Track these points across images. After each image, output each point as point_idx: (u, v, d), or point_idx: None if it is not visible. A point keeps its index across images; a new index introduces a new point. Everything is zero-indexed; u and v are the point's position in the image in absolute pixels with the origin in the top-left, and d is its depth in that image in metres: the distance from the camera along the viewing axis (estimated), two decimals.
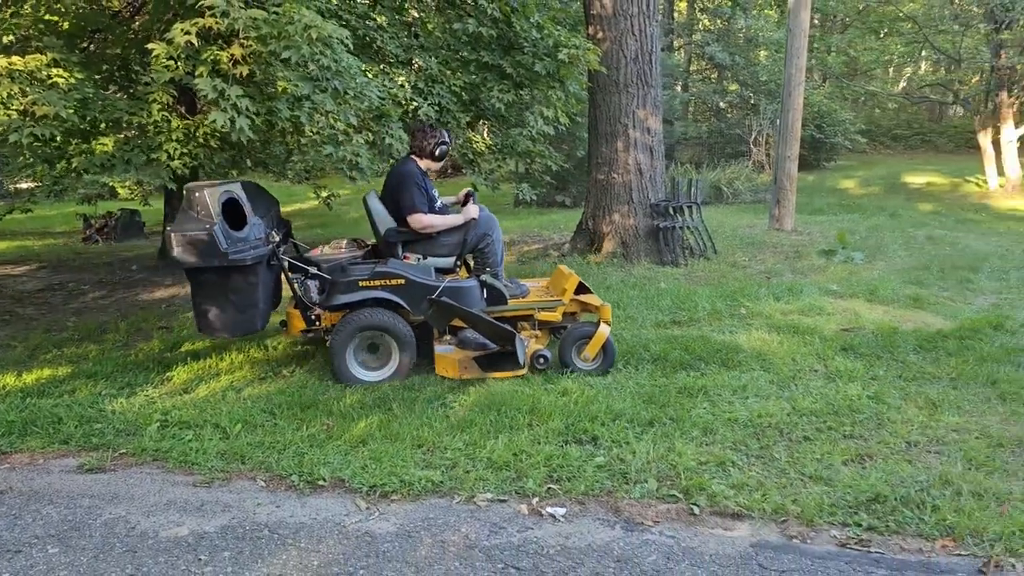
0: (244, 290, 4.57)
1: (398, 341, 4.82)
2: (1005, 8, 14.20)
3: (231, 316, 4.61)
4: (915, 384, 4.69)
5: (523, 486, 3.47)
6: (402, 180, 5.09)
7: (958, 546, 2.98)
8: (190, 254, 4.33)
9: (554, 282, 5.50)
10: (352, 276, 4.81)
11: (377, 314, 4.78)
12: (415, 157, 5.26)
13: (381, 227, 5.15)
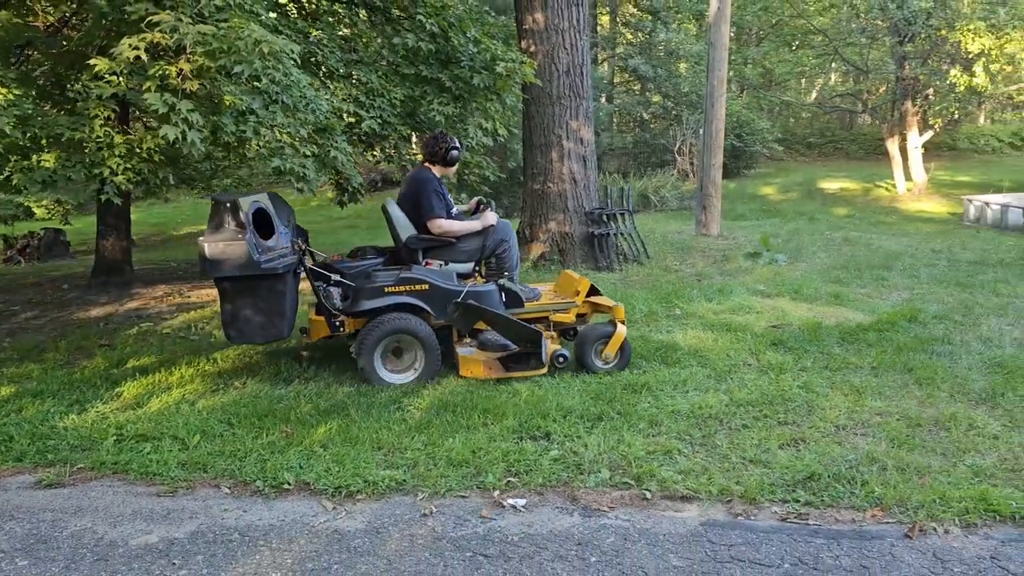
0: (273, 298, 4.72)
1: (424, 345, 4.95)
2: (907, 22, 15.05)
3: (260, 324, 4.76)
4: (840, 373, 5.03)
5: (483, 481, 3.62)
6: (421, 187, 5.26)
7: (886, 515, 3.26)
8: (223, 264, 4.47)
9: (562, 285, 5.74)
10: (377, 282, 4.96)
11: (404, 319, 4.92)
12: (428, 164, 5.46)
13: (403, 234, 5.29)
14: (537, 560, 2.98)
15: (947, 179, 20.53)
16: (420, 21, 6.57)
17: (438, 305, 5.00)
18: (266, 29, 4.79)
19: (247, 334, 4.81)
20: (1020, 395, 4.54)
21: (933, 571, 2.86)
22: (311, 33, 6.78)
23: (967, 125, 28.13)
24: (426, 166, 5.49)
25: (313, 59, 6.36)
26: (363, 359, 4.88)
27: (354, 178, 6.16)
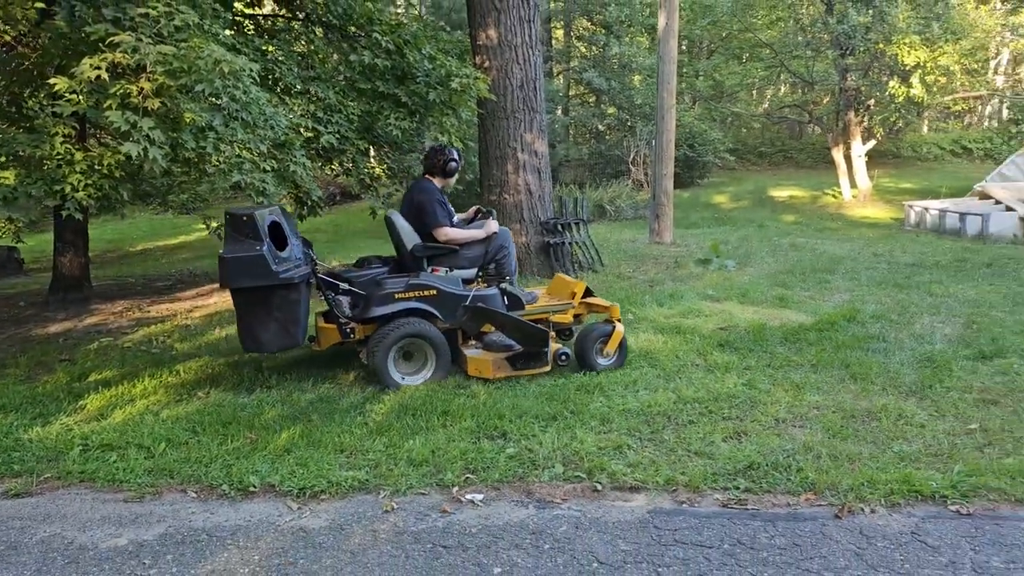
0: (289, 307, 4.88)
1: (435, 347, 5.20)
2: (847, 36, 15.63)
3: (275, 332, 4.92)
4: (782, 371, 5.30)
5: (443, 478, 3.79)
6: (424, 197, 5.57)
7: (819, 498, 3.51)
8: (243, 275, 4.66)
9: (555, 288, 6.07)
10: (388, 289, 5.18)
11: (416, 323, 5.14)
12: (429, 176, 5.77)
13: (408, 243, 5.53)
14: (494, 549, 3.17)
15: (891, 186, 21.23)
16: (376, 39, 6.74)
17: (446, 309, 5.26)
18: (224, 48, 4.93)
19: (263, 343, 4.96)
20: (946, 387, 4.85)
21: (859, 547, 3.10)
22: (268, 50, 6.92)
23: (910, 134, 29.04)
24: (427, 178, 5.78)
25: (271, 76, 6.50)
26: (378, 363, 5.07)
27: (313, 192, 6.31)
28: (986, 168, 18.99)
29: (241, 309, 4.92)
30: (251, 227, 4.72)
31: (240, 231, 4.74)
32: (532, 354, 5.28)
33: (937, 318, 6.70)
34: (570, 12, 24.24)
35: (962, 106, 23.71)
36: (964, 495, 3.47)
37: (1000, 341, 5.74)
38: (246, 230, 4.74)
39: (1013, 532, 3.18)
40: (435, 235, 5.55)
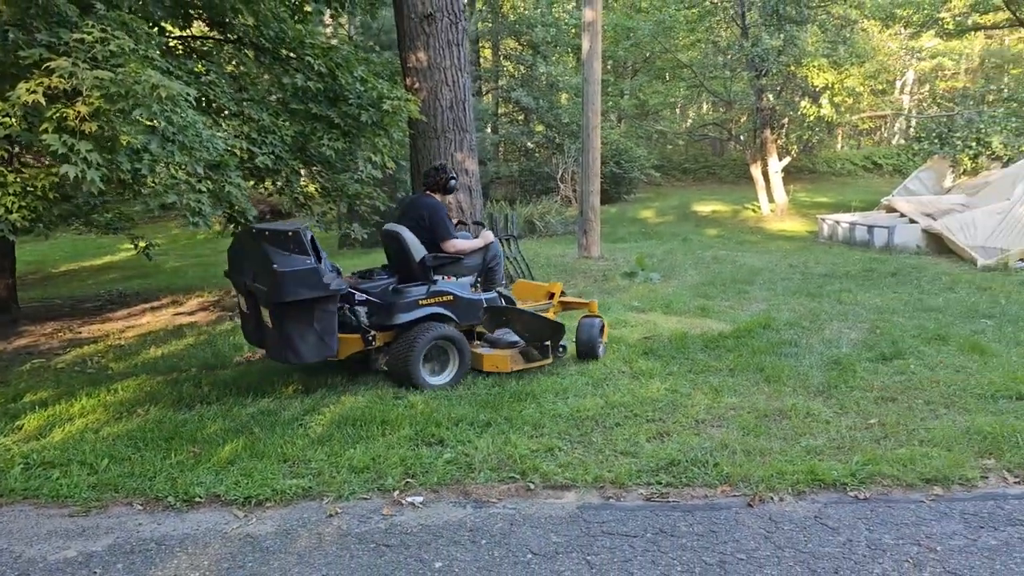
0: (328, 318, 5.09)
1: (458, 348, 5.60)
2: (761, 59, 16.40)
3: (315, 343, 5.06)
4: (702, 376, 5.64)
5: (383, 483, 3.98)
6: (434, 213, 5.98)
7: (733, 489, 3.82)
8: (299, 287, 4.82)
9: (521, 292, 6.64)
10: (411, 296, 5.52)
11: (441, 327, 5.53)
12: (431, 193, 6.18)
13: (416, 254, 5.79)
14: (434, 546, 3.37)
15: (807, 200, 22.22)
16: (309, 62, 6.90)
17: (462, 313, 5.72)
18: (160, 72, 5.03)
19: (303, 354, 5.06)
20: (850, 387, 5.26)
21: (768, 530, 3.42)
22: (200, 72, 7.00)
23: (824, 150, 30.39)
24: (429, 194, 6.18)
25: (204, 98, 6.59)
26: (410, 365, 5.38)
27: (248, 211, 6.41)
28: (895, 182, 20.06)
29: (285, 322, 4.98)
30: (297, 242, 4.92)
31: (286, 246, 4.92)
32: (534, 348, 5.82)
33: (845, 324, 7.17)
34: (498, 33, 24.68)
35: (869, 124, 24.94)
36: (862, 482, 3.82)
37: (899, 344, 6.21)
38: (292, 245, 4.92)
39: (903, 512, 3.53)
40: (445, 247, 5.93)
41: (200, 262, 15.54)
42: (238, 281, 5.50)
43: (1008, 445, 4.13)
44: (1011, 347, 6.12)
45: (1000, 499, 3.63)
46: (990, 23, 22.81)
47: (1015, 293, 8.56)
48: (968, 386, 5.15)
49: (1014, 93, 18.79)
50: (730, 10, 18.62)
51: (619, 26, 20.31)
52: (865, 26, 19.27)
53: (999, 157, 14.97)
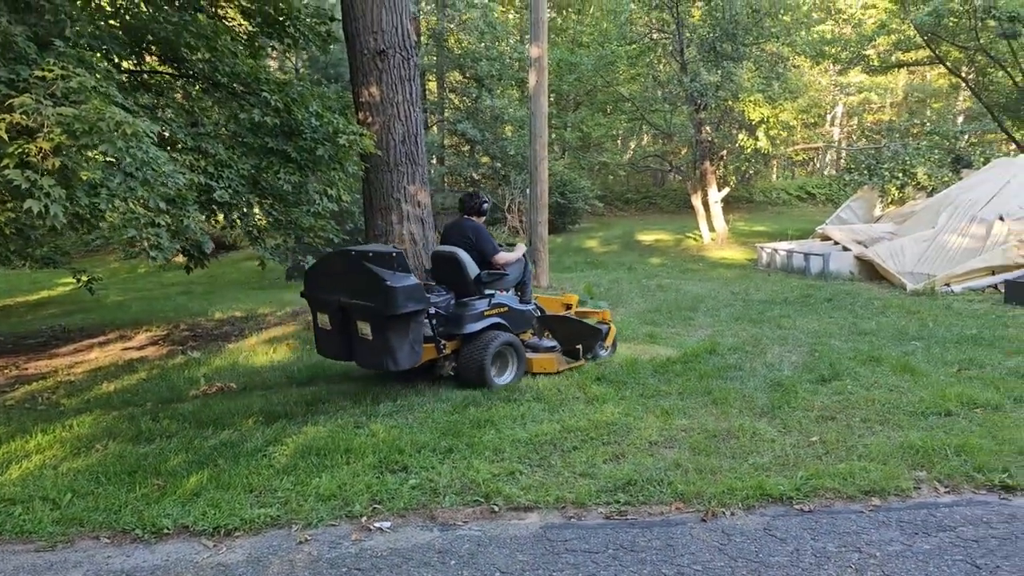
0: (419, 329, 5.71)
1: (517, 353, 6.38)
2: (700, 93, 17.01)
3: (408, 351, 5.65)
4: (653, 399, 5.86)
5: (351, 510, 4.07)
6: (479, 233, 6.73)
7: (687, 506, 4.02)
8: (409, 300, 5.45)
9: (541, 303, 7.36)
10: (476, 309, 6.24)
11: (506, 335, 6.29)
12: (468, 216, 6.94)
13: (472, 272, 6.45)
14: (405, 568, 3.49)
15: (746, 229, 22.92)
16: (264, 97, 7.02)
17: (515, 322, 6.50)
18: (122, 109, 5.11)
19: (400, 361, 5.61)
20: (792, 407, 5.53)
21: (721, 543, 3.62)
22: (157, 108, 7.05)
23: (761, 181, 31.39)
24: (467, 217, 6.94)
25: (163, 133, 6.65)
26: (485, 368, 6.08)
27: (205, 244, 6.46)
28: (828, 211, 20.85)
29: (388, 332, 5.51)
30: (400, 262, 5.63)
31: (390, 265, 5.55)
32: (571, 352, 6.74)
33: (785, 348, 7.49)
34: (443, 66, 25.01)
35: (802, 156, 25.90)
36: (806, 495, 4.07)
37: (837, 366, 6.53)
38: (396, 265, 5.58)
39: (845, 522, 3.78)
40: (494, 261, 6.61)
41: (143, 296, 15.31)
42: (326, 299, 5.94)
43: (938, 458, 4.43)
44: (939, 367, 6.50)
45: (932, 507, 3.91)
46: (912, 60, 24.02)
47: (941, 316, 9.04)
48: (901, 404, 5.48)
49: (936, 126, 19.80)
50: (669, 46, 19.27)
51: (562, 61, 20.82)
52: (797, 62, 20.15)
53: (924, 187, 15.76)
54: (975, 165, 16.24)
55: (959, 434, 4.80)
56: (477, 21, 22.54)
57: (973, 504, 3.94)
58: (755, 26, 17.18)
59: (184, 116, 7.22)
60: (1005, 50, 20.10)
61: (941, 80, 31.45)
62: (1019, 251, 10.86)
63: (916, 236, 12.68)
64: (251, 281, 17.32)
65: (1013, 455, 4.43)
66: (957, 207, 12.59)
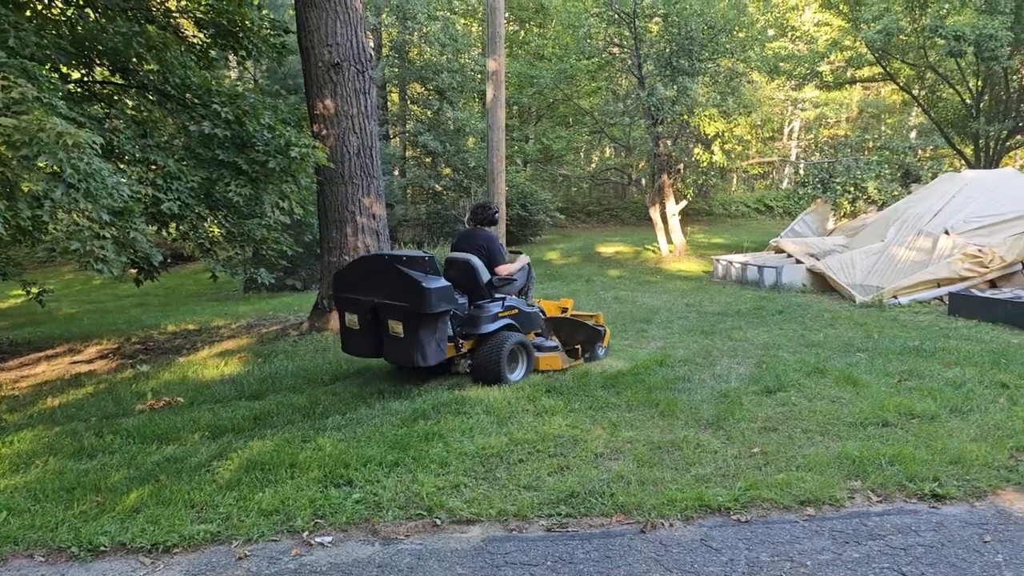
0: (444, 328, 6.24)
1: (527, 351, 6.87)
2: (656, 108, 17.23)
3: (435, 348, 6.19)
4: (601, 412, 5.91)
5: (293, 525, 4.06)
6: (491, 243, 7.20)
7: (627, 518, 4.07)
8: (442, 301, 5.99)
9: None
10: (491, 311, 6.73)
11: (518, 335, 6.79)
12: (481, 226, 7.33)
13: (484, 277, 6.92)
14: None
15: (704, 240, 23.22)
16: (215, 109, 6.98)
17: (524, 323, 7.01)
18: (65, 120, 5.06)
19: (429, 357, 6.16)
20: (737, 419, 5.62)
21: (658, 554, 3.68)
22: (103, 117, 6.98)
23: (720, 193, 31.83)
24: (481, 228, 7.32)
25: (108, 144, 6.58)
26: (500, 366, 6.54)
27: (154, 256, 6.40)
28: (785, 224, 21.21)
29: (420, 331, 6.06)
30: (432, 266, 6.17)
31: (424, 269, 6.09)
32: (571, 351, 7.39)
33: (735, 360, 7.61)
34: (405, 77, 25.03)
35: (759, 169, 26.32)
36: (744, 506, 4.14)
37: (782, 378, 6.65)
38: (428, 268, 6.12)
39: (779, 532, 3.86)
40: (499, 270, 7.09)
41: (97, 308, 15.07)
42: (357, 300, 6.45)
43: (873, 468, 4.54)
44: (880, 378, 6.65)
45: (864, 517, 4.01)
46: (865, 76, 24.61)
47: (887, 328, 9.26)
48: (841, 415, 5.60)
49: (887, 142, 20.28)
50: (627, 61, 19.50)
51: (523, 74, 20.97)
52: (753, 78, 20.52)
53: (874, 201, 16.12)
54: (923, 180, 16.67)
55: (895, 444, 4.92)
56: (438, 34, 22.62)
57: (903, 513, 4.05)
58: (710, 42, 17.47)
59: (134, 128, 7.15)
60: (953, 68, 20.71)
61: (894, 96, 32.23)
62: (963, 264, 11.16)
63: (866, 249, 12.97)
64: (208, 293, 17.15)
65: (944, 464, 4.56)
66: (905, 221, 12.91)
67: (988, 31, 16.19)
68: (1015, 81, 20.69)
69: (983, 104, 20.84)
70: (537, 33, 26.86)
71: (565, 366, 7.13)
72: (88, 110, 6.68)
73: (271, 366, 7.85)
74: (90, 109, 6.90)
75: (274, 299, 14.70)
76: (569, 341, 7.38)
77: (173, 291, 18.50)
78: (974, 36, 16.37)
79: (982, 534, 3.78)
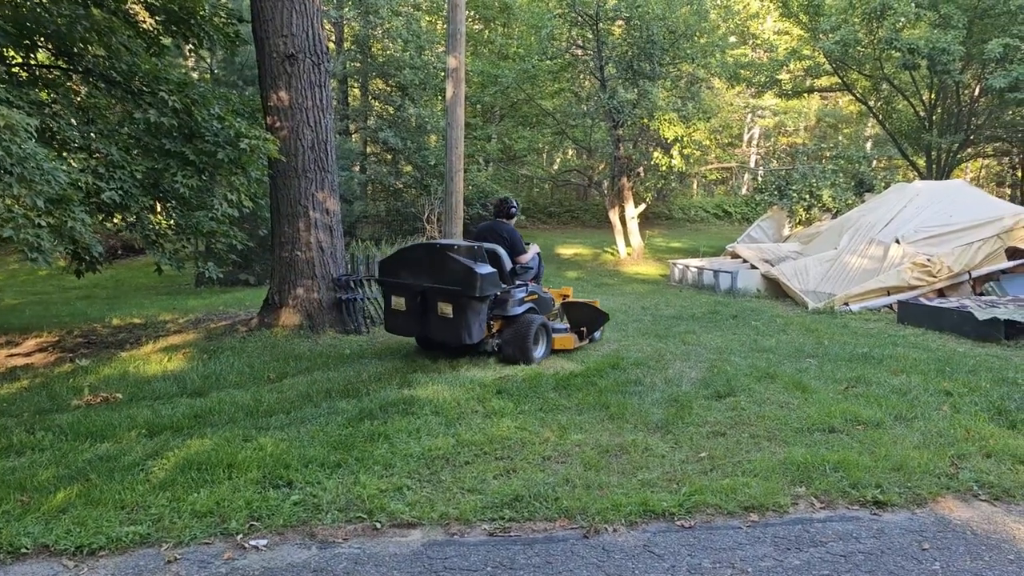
0: (485, 310, 7.07)
1: (547, 333, 7.61)
2: (617, 111, 17.27)
3: (479, 329, 7.04)
4: (551, 414, 5.86)
5: (227, 527, 3.93)
6: (513, 234, 7.91)
7: (571, 522, 4.02)
8: (490, 286, 6.88)
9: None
10: (518, 296, 7.49)
11: (540, 317, 7.52)
12: (499, 218, 8.07)
13: (507, 265, 7.58)
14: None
15: (663, 244, 23.35)
16: (163, 97, 6.78)
17: (542, 307, 7.80)
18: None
19: (474, 336, 7.01)
20: (686, 423, 5.60)
21: (600, 560, 3.62)
22: (44, 102, 6.74)
23: (680, 197, 32.07)
24: (501, 220, 8.06)
25: (48, 130, 6.36)
26: (527, 344, 7.29)
27: (93, 247, 6.18)
28: (742, 229, 21.41)
29: (468, 312, 6.89)
30: (481, 255, 6.98)
31: (473, 257, 6.90)
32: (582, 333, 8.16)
33: (687, 364, 7.61)
34: (367, 73, 24.78)
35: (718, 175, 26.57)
36: (689, 512, 4.11)
37: (733, 383, 6.67)
38: (477, 256, 6.93)
39: (722, 539, 3.83)
40: (519, 259, 7.80)
41: (41, 300, 14.64)
42: (408, 284, 7.18)
43: (817, 474, 4.55)
44: (828, 384, 6.70)
45: (807, 523, 4.00)
46: (822, 86, 24.97)
47: (837, 335, 9.36)
48: (789, 420, 5.61)
49: (842, 151, 20.60)
50: (590, 63, 19.52)
51: (486, 73, 20.86)
52: (713, 84, 20.69)
53: (829, 209, 16.34)
54: (877, 189, 16.94)
55: (840, 450, 4.94)
56: (401, 29, 22.42)
57: (845, 520, 4.05)
58: (672, 47, 17.56)
59: (79, 114, 6.91)
60: (908, 81, 21.11)
61: (851, 107, 32.81)
62: (912, 273, 11.34)
63: (819, 256, 13.12)
64: (159, 287, 16.78)
65: (887, 471, 4.58)
66: (858, 229, 13.09)
67: (941, 45, 16.52)
68: (966, 95, 21.17)
69: (936, 117, 21.28)
70: (502, 32, 26.77)
71: (576, 346, 7.90)
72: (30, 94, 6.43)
73: (216, 363, 7.65)
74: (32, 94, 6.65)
75: (226, 293, 14.41)
76: (576, 324, 8.15)
77: (123, 283, 18.09)
78: (928, 50, 16.69)
79: (921, 542, 3.80)
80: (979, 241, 11.43)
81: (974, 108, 20.90)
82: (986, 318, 8.88)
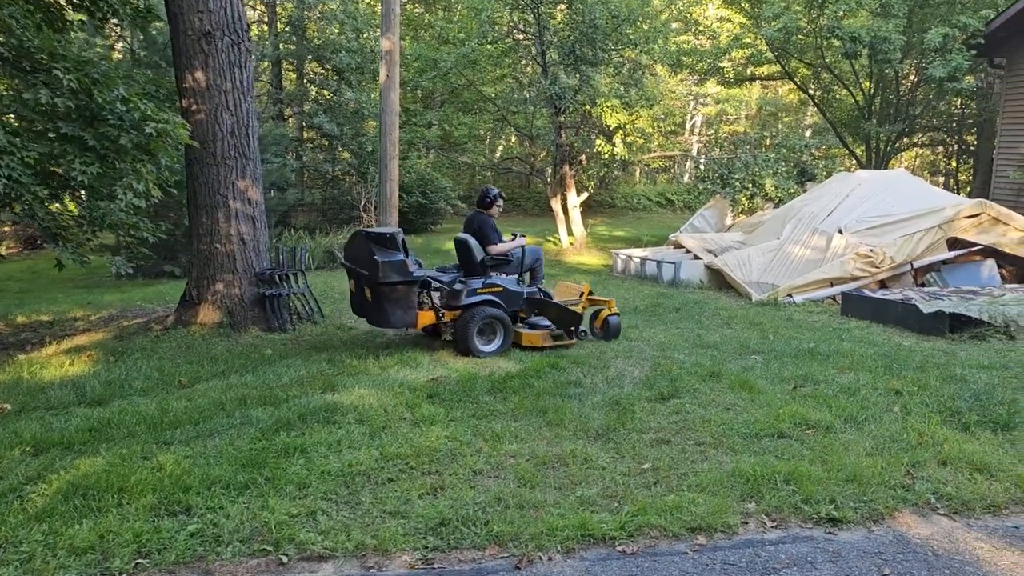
0: (411, 298, 7.14)
1: (504, 325, 7.49)
2: (559, 97, 16.89)
3: (403, 315, 7.15)
4: (485, 421, 5.46)
5: (109, 566, 3.43)
6: (483, 225, 8.00)
7: (502, 550, 3.63)
8: (392, 272, 6.88)
9: (561, 292, 8.65)
10: (471, 286, 7.47)
11: (492, 309, 7.39)
12: (481, 210, 8.18)
13: (478, 256, 7.83)
14: None
15: (606, 233, 23.13)
16: (57, 75, 6.14)
17: (508, 300, 7.58)
18: None
19: (393, 322, 7.18)
20: (628, 429, 5.27)
21: None
22: None
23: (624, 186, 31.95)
24: (480, 211, 8.17)
25: None
26: (468, 335, 7.26)
27: None
28: (686, 218, 21.26)
29: (383, 298, 7.01)
30: (393, 242, 6.98)
31: (385, 244, 6.94)
32: (568, 330, 7.88)
33: (629, 362, 7.28)
34: (302, 56, 23.94)
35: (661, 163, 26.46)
36: (631, 535, 3.76)
37: (677, 383, 6.36)
38: (389, 244, 6.95)
39: (667, 566, 3.49)
40: (488, 249, 7.89)
41: None
42: (350, 268, 7.40)
43: (767, 487, 4.24)
44: (776, 383, 6.44)
45: (758, 545, 3.68)
46: (764, 74, 25.00)
47: (782, 328, 9.16)
48: (735, 425, 5.32)
49: (785, 139, 20.59)
50: (531, 48, 19.09)
51: (424, 57, 20.27)
52: (656, 71, 20.46)
53: (771, 198, 16.25)
54: (818, 178, 16.92)
55: (790, 459, 4.65)
56: (337, 11, 21.66)
57: (799, 540, 3.74)
58: (614, 31, 17.22)
59: None
60: (848, 69, 21.20)
61: (791, 95, 33.05)
62: (855, 264, 11.24)
63: (762, 246, 12.97)
64: (77, 279, 15.86)
65: (841, 483, 4.30)
66: (801, 219, 12.97)
67: (883, 34, 16.52)
68: (905, 85, 21.36)
69: (875, 106, 21.43)
70: (442, 16, 26.11)
71: (546, 344, 7.65)
72: None
73: (123, 366, 7.05)
74: None
75: (148, 287, 13.63)
76: (556, 323, 7.86)
77: (40, 275, 17.12)
78: (869, 39, 16.68)
79: (881, 566, 3.50)
80: (921, 232, 11.36)
81: (912, 98, 21.10)
82: (931, 311, 8.77)
